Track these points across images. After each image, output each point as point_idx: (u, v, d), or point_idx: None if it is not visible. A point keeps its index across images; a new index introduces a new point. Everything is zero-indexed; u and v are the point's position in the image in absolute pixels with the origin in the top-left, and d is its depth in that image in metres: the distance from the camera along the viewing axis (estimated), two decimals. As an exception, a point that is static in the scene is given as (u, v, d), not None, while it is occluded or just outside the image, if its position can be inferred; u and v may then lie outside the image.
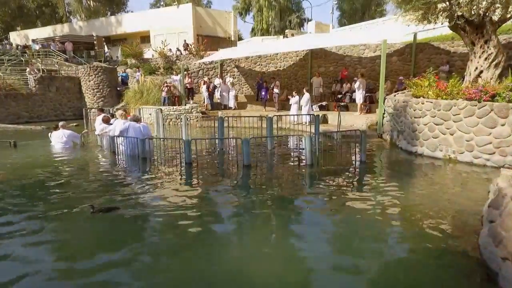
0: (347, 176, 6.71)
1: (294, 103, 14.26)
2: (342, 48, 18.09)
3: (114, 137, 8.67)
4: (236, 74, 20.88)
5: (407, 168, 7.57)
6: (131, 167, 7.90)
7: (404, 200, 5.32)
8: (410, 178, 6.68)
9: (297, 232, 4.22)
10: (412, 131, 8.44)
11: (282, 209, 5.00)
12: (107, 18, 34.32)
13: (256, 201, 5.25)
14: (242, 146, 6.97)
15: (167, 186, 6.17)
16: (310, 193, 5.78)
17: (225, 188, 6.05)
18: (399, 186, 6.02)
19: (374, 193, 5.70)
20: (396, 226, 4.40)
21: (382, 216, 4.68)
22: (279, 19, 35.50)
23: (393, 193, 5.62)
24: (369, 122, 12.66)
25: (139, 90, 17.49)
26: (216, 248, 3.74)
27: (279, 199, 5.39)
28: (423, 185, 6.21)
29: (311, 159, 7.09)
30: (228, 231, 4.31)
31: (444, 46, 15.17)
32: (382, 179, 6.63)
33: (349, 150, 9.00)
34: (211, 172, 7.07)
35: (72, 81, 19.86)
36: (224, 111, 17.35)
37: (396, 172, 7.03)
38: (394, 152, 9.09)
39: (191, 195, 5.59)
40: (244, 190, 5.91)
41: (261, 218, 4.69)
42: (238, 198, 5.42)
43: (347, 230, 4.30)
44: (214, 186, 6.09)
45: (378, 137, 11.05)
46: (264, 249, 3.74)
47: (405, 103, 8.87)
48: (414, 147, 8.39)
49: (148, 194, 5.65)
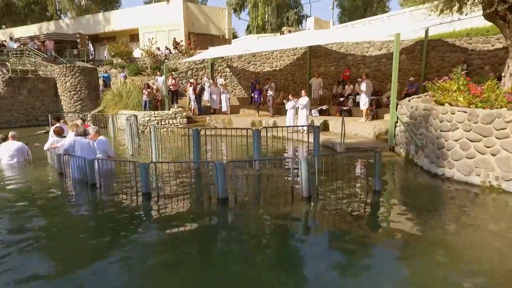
0: (356, 219, 4.90)
1: (290, 108, 12.45)
2: (344, 46, 16.32)
3: (60, 155, 6.87)
4: (228, 74, 19.07)
5: (436, 199, 5.77)
6: (79, 195, 6.10)
7: (447, 260, 3.53)
8: (443, 217, 4.88)
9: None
10: (438, 148, 6.64)
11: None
12: (94, 16, 32.44)
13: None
14: (216, 174, 5.16)
15: (107, 233, 4.37)
16: (303, 255, 3.97)
17: (182, 242, 4.24)
18: (432, 234, 4.23)
19: (400, 250, 3.91)
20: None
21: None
22: (276, 15, 33.60)
23: (428, 248, 3.84)
24: (377, 131, 10.87)
25: (118, 92, 15.66)
26: None
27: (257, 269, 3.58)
28: (466, 228, 4.43)
29: (308, 191, 5.29)
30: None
31: (460, 43, 13.38)
32: (409, 224, 4.80)
33: (357, 168, 7.18)
34: (173, 209, 5.21)
35: (46, 83, 17.99)
36: (214, 116, 15.56)
37: (425, 210, 5.19)
38: (413, 173, 7.30)
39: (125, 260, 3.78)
40: (209, 254, 4.10)
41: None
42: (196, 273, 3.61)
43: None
44: (165, 246, 4.20)
45: (389, 150, 9.26)
46: None
47: (427, 112, 7.07)
48: (440, 169, 6.59)
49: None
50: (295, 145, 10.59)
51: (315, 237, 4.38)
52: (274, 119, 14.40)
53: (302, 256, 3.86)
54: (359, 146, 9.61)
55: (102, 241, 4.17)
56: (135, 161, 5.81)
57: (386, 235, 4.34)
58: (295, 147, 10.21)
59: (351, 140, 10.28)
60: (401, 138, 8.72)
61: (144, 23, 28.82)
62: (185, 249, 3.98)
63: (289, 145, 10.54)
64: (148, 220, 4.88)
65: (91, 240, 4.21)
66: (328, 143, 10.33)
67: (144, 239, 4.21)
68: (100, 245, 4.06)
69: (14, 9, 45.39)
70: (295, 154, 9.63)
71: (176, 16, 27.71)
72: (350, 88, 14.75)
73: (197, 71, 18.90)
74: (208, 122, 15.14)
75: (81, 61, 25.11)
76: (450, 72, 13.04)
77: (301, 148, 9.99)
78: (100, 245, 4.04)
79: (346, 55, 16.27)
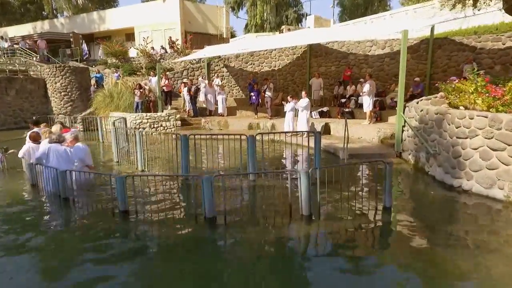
0: (365, 243, 4.20)
1: (289, 110, 11.75)
2: (345, 45, 15.62)
3: (33, 165, 6.18)
4: (225, 74, 18.36)
5: (453, 216, 5.07)
6: (48, 213, 5.39)
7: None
8: (462, 242, 4.19)
9: None
10: (454, 157, 5.94)
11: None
12: (89, 15, 31.70)
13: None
14: (203, 189, 4.46)
15: (68, 271, 3.66)
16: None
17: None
18: (452, 265, 3.54)
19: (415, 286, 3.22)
20: None
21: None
22: (274, 14, 32.78)
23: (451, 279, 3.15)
24: (381, 135, 10.18)
25: (109, 93, 14.96)
26: None
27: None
28: (490, 253, 3.73)
29: (308, 209, 4.59)
30: None
31: (469, 41, 12.67)
32: (425, 250, 4.11)
33: (363, 179, 6.48)
34: (152, 233, 4.49)
35: (36, 83, 17.27)
36: (209, 118, 14.86)
37: (443, 231, 4.49)
38: (424, 183, 6.60)
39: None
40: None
41: None
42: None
43: None
44: (142, 280, 3.53)
45: (396, 157, 8.56)
46: None
47: (441, 116, 6.37)
48: (457, 180, 5.88)
49: None
50: (294, 150, 9.88)
51: (316, 266, 3.68)
52: (273, 121, 13.71)
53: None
54: (364, 152, 8.91)
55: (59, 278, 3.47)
56: (110, 173, 5.09)
57: (400, 267, 3.64)
58: (294, 153, 9.49)
59: (355, 145, 9.58)
60: (409, 143, 8.02)
61: (140, 22, 28.14)
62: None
63: (288, 150, 9.82)
64: (120, 248, 4.13)
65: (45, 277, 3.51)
66: (329, 148, 9.62)
67: (114, 272, 3.51)
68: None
69: (10, 8, 44.80)
70: (294, 160, 8.92)
71: (172, 14, 27.02)
72: (352, 89, 14.05)
73: (193, 71, 18.19)
74: (203, 125, 14.46)
75: (75, 61, 24.42)
76: (458, 71, 12.61)
77: (300, 155, 9.26)
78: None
79: (348, 54, 15.58)
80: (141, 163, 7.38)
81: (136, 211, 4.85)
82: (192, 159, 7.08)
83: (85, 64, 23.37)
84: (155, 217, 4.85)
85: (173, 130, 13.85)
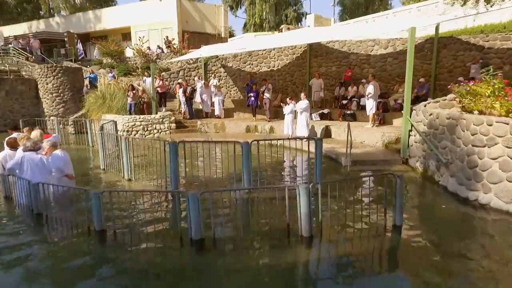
0: (373, 269, 3.65)
1: (289, 112, 11.19)
2: (346, 44, 15.09)
3: (4, 176, 5.62)
4: (222, 75, 17.80)
5: (470, 235, 4.51)
6: (18, 230, 4.83)
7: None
8: (485, 268, 3.64)
9: None
10: (469, 167, 5.38)
11: None
12: (85, 14, 31.12)
13: None
14: (188, 207, 3.91)
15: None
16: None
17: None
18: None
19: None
20: None
21: None
22: (274, 13, 32.14)
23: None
24: (386, 139, 9.62)
25: (101, 94, 14.38)
26: None
27: None
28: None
29: (308, 229, 4.04)
30: None
31: (476, 40, 12.12)
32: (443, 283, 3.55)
33: (368, 189, 5.91)
34: (131, 257, 3.94)
35: (26, 84, 16.69)
36: (205, 120, 14.30)
37: (461, 256, 3.93)
38: (434, 194, 6.05)
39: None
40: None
41: None
42: None
43: None
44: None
45: (402, 163, 8.01)
46: None
47: (453, 121, 5.82)
48: (472, 193, 5.33)
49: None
50: (294, 155, 9.30)
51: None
52: (271, 124, 13.16)
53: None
54: (367, 158, 8.36)
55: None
56: (85, 188, 4.52)
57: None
58: (293, 159, 8.91)
59: (358, 150, 9.02)
60: (416, 149, 7.47)
61: (136, 21, 27.60)
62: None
63: (287, 155, 9.26)
64: (90, 277, 3.56)
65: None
66: (331, 153, 9.06)
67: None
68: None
69: (6, 7, 44.36)
70: (293, 168, 8.33)
71: (169, 13, 26.48)
72: (354, 90, 13.51)
73: (189, 71, 17.64)
74: (199, 127, 13.90)
75: (69, 60, 23.87)
76: (465, 72, 12.07)
77: (300, 162, 8.66)
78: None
79: (349, 54, 15.04)
80: (128, 172, 6.81)
81: (115, 232, 4.28)
82: (184, 165, 6.50)
83: (79, 64, 22.83)
84: (135, 239, 4.28)
85: (168, 133, 13.31)
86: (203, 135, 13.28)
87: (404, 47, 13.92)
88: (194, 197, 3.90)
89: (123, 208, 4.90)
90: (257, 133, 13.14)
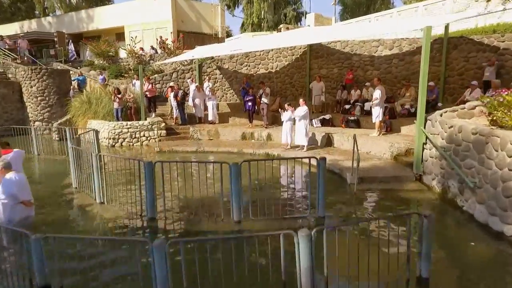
0: None
1: (287, 120, 10.26)
2: (349, 45, 14.17)
3: None
4: (218, 77, 16.87)
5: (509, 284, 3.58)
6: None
7: None
8: None
9: None
10: (505, 196, 4.43)
11: None
12: (78, 14, 30.15)
13: None
14: (153, 259, 2.97)
15: None
16: None
17: None
18: None
19: None
20: None
21: None
22: (272, 12, 31.15)
23: None
24: (394, 150, 8.69)
25: (87, 99, 13.45)
26: None
27: None
28: None
29: (311, 284, 3.09)
30: None
31: (490, 40, 11.19)
32: None
33: (385, 230, 4.95)
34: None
35: (9, 87, 15.75)
36: (198, 126, 13.35)
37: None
38: (458, 224, 5.10)
39: None
40: None
41: None
42: None
43: None
44: None
45: (415, 180, 7.07)
46: None
47: (482, 138, 4.88)
48: (508, 226, 4.39)
49: None
50: (292, 171, 8.32)
51: None
52: (268, 131, 12.24)
53: None
54: (376, 175, 7.40)
55: None
56: (24, 231, 3.54)
57: None
58: (291, 176, 7.93)
59: (364, 163, 8.00)
60: (433, 166, 6.53)
61: (130, 21, 26.65)
62: None
63: (284, 169, 8.28)
64: None
65: None
66: (334, 167, 8.12)
67: None
68: None
69: (0, 7, 43.60)
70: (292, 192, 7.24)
71: (164, 13, 25.52)
72: (357, 94, 12.58)
73: (183, 73, 16.71)
74: (192, 134, 12.96)
75: (59, 62, 22.89)
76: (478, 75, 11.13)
77: (299, 182, 7.61)
78: None
79: (352, 55, 14.11)
80: (100, 195, 5.86)
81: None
82: (163, 191, 5.53)
83: (70, 65, 21.86)
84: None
85: (157, 140, 12.37)
86: (195, 142, 12.35)
87: (410, 48, 13.01)
88: (161, 248, 2.96)
89: (76, 256, 3.92)
90: (253, 141, 12.22)
